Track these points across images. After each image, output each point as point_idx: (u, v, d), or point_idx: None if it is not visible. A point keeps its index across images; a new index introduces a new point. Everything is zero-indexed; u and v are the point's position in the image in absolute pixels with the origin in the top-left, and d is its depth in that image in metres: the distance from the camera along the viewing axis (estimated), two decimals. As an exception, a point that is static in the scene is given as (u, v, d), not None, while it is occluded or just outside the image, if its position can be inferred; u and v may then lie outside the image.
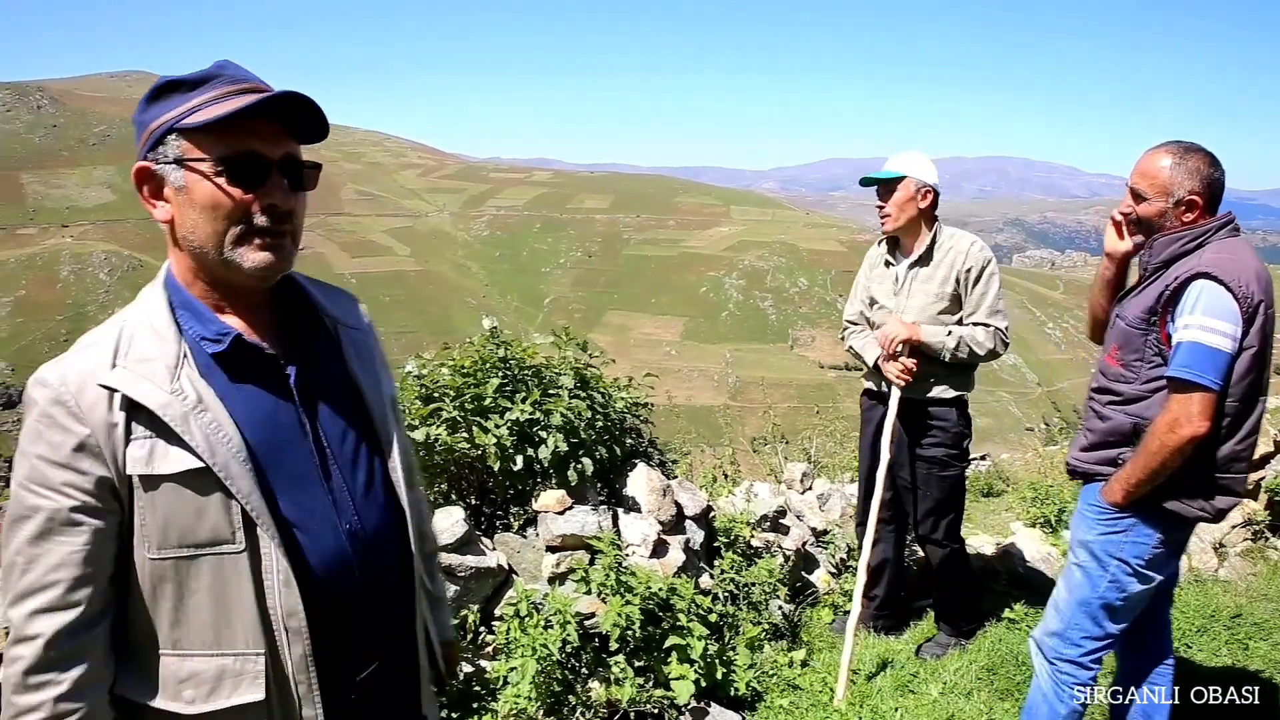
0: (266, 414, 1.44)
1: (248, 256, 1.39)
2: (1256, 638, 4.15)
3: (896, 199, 3.74)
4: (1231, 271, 2.49)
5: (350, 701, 1.50)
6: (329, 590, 1.45)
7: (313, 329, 1.56)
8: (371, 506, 1.54)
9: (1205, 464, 2.61)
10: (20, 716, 1.31)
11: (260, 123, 1.37)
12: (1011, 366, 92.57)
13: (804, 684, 3.82)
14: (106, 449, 1.32)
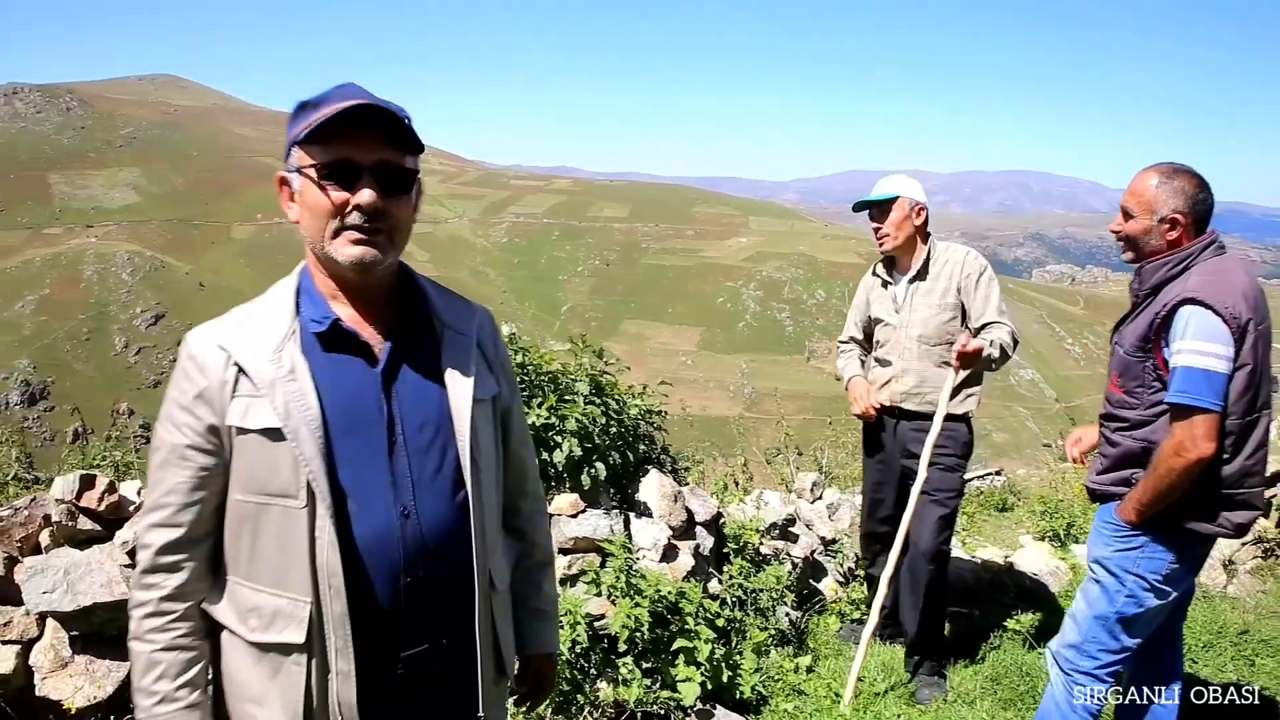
0: (350, 391, 1.59)
1: (341, 250, 1.54)
2: (1263, 654, 4.17)
3: (893, 219, 3.83)
4: (1217, 294, 2.55)
5: (397, 675, 1.62)
6: (374, 561, 1.57)
7: (423, 328, 1.69)
8: (433, 495, 1.63)
9: (1216, 482, 2.67)
10: (136, 607, 1.60)
11: (358, 133, 1.51)
12: (1030, 382, 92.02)
13: (809, 689, 3.87)
14: (217, 400, 1.55)
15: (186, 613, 1.61)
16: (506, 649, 1.83)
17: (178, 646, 1.59)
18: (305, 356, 1.57)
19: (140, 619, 1.60)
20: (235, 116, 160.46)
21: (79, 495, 3.07)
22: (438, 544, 1.63)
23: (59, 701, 2.89)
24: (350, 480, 1.57)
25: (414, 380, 1.65)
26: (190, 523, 1.58)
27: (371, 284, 1.62)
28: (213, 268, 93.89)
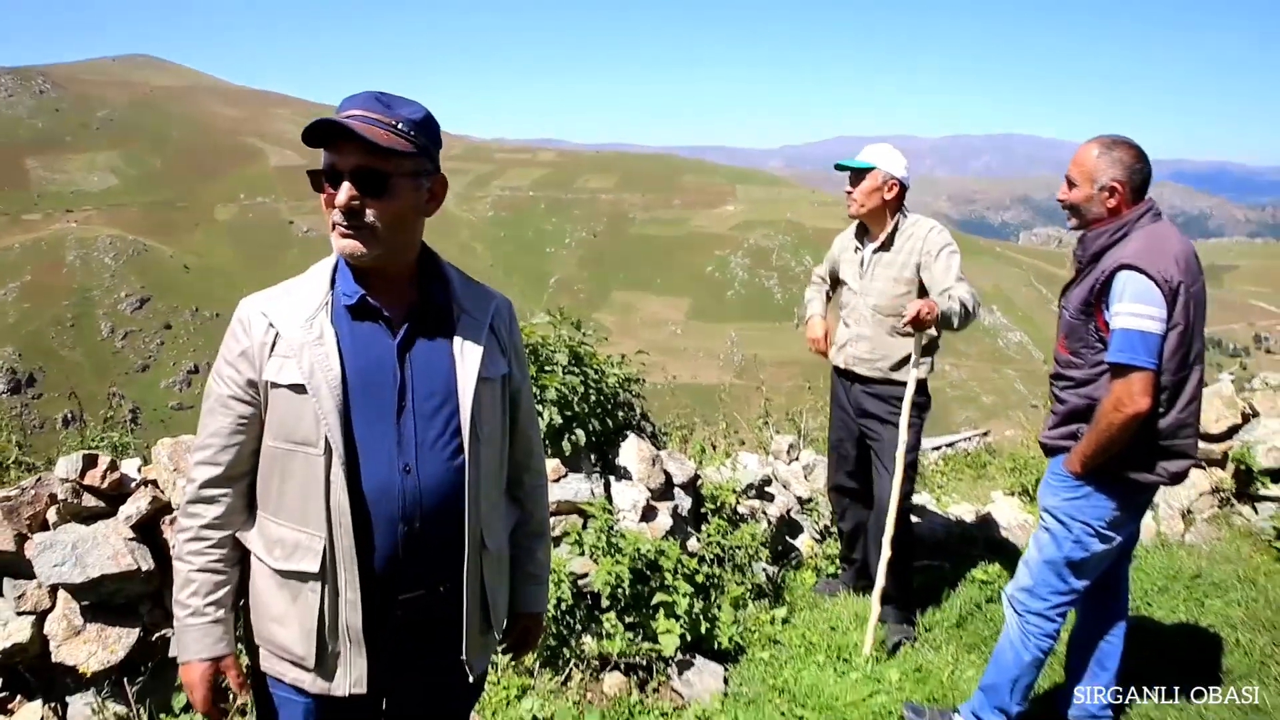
0: (369, 358, 1.81)
1: (335, 243, 1.78)
2: (1212, 595, 4.40)
3: (864, 187, 3.97)
4: (1151, 260, 2.73)
5: (397, 616, 1.85)
6: (376, 509, 1.80)
7: (442, 309, 1.89)
8: (433, 456, 1.83)
9: (1153, 435, 2.87)
10: (180, 532, 1.88)
11: (342, 142, 1.71)
12: (1018, 344, 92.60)
13: (784, 639, 4.09)
14: (257, 358, 1.80)
15: (221, 541, 1.86)
16: (495, 605, 2.01)
17: (210, 569, 1.86)
18: (334, 325, 1.80)
19: (183, 542, 1.87)
20: (215, 96, 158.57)
21: (82, 474, 3.23)
22: (433, 500, 1.83)
23: (74, 666, 3.07)
24: (362, 435, 1.79)
25: (426, 354, 1.85)
26: (229, 462, 1.84)
27: (383, 269, 1.81)
28: (197, 250, 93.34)
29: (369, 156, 1.70)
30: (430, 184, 1.82)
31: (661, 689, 3.67)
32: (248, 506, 1.90)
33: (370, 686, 1.86)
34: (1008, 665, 3.17)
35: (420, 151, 1.76)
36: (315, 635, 1.81)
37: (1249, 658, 3.82)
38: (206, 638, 1.86)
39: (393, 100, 1.76)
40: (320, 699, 1.89)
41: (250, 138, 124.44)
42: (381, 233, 1.75)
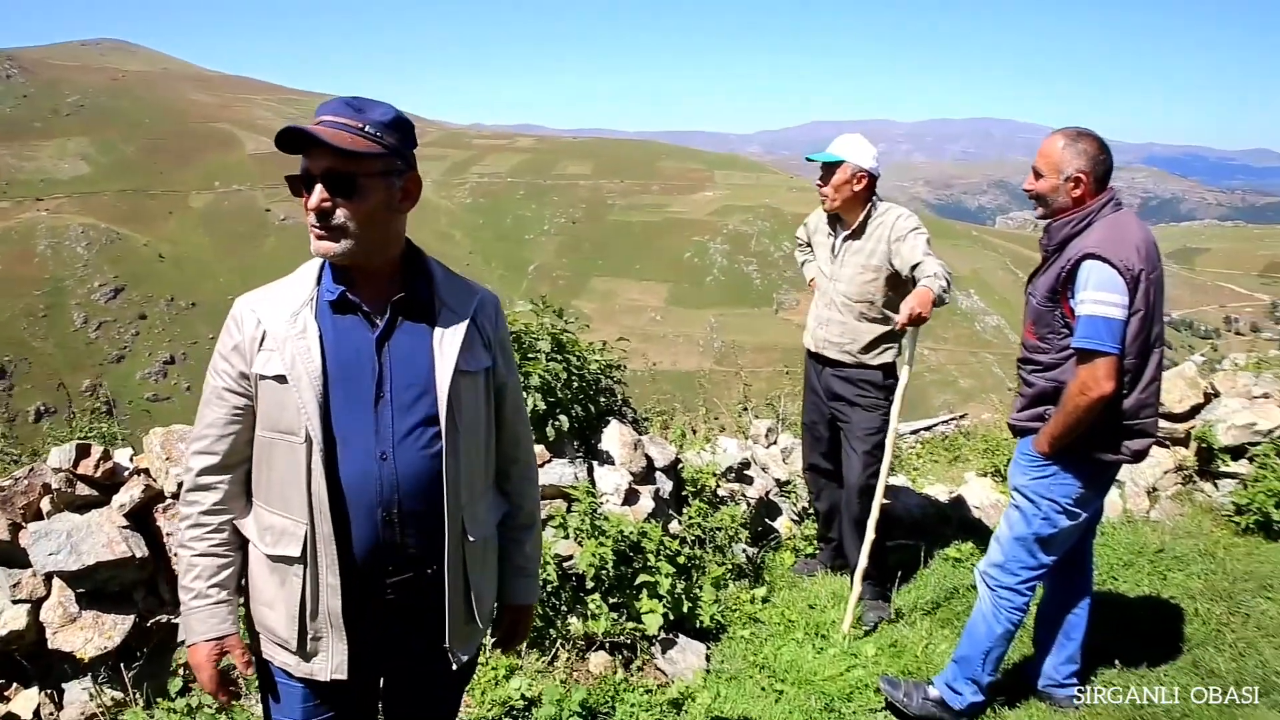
0: (349, 350, 1.89)
1: (312, 244, 1.86)
2: (1175, 569, 4.56)
3: (834, 181, 4.08)
4: (1114, 248, 2.85)
5: (387, 599, 1.93)
6: (355, 496, 1.87)
7: (423, 305, 1.95)
8: (410, 447, 1.90)
9: (1116, 415, 3.00)
10: (181, 520, 1.98)
11: (313, 147, 1.80)
12: (995, 328, 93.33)
13: (764, 618, 4.21)
14: (248, 352, 1.88)
15: (220, 526, 1.96)
16: (480, 593, 2.07)
17: (211, 554, 1.96)
18: (318, 320, 1.88)
19: (184, 529, 1.97)
20: (188, 81, 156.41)
21: (76, 463, 3.29)
22: (410, 487, 1.90)
23: (71, 653, 3.14)
24: (341, 424, 1.86)
25: (405, 347, 1.91)
26: (225, 451, 1.94)
27: (363, 266, 1.89)
28: (172, 238, 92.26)
29: (337, 160, 1.77)
30: (403, 182, 1.88)
31: (646, 667, 3.78)
32: (245, 494, 1.99)
33: (353, 673, 1.92)
34: (980, 638, 3.30)
35: (389, 152, 1.83)
36: (298, 619, 1.90)
37: (1206, 626, 4.00)
38: (211, 619, 1.95)
39: (364, 104, 1.83)
40: (309, 683, 1.96)
41: (225, 124, 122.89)
42: (353, 231, 1.81)
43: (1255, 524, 5.00)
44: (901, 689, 3.45)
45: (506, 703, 3.39)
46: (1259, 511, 4.98)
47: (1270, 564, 4.62)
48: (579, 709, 3.33)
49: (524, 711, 3.41)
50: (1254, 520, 5.00)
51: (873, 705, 3.51)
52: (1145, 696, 3.46)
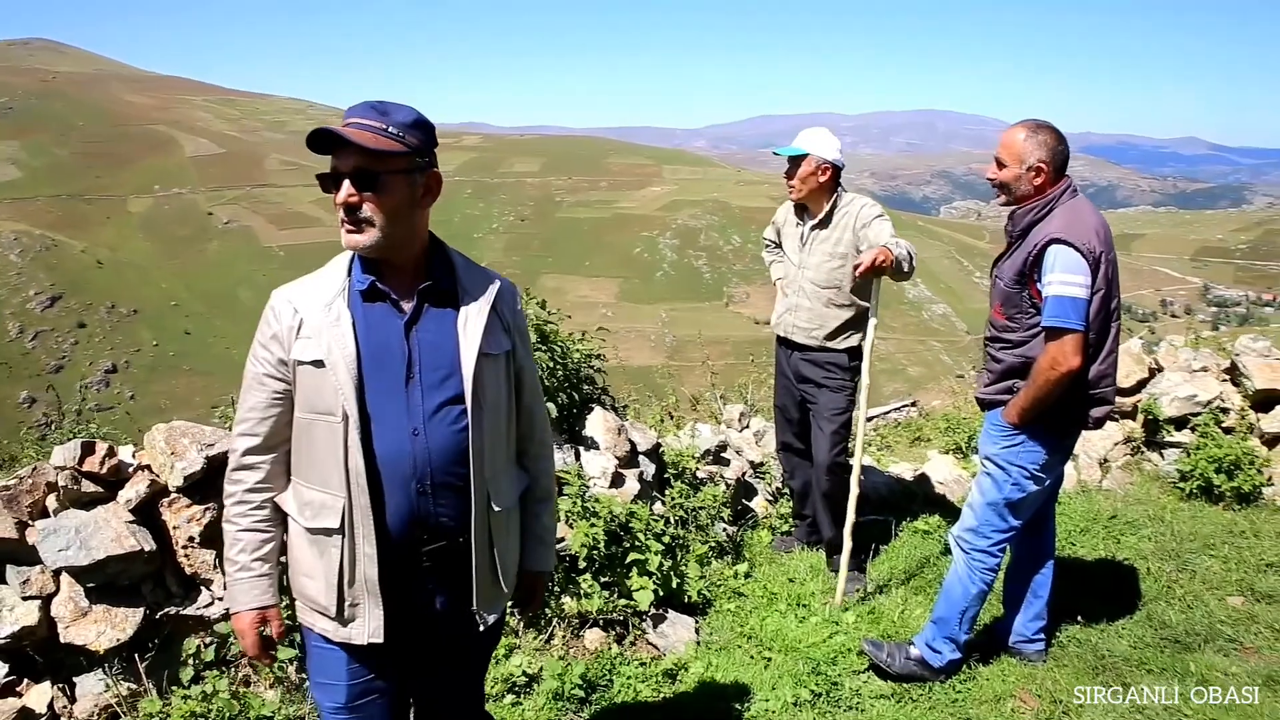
0: (380, 336, 2.04)
1: (342, 237, 2.01)
2: (1127, 533, 4.87)
3: (800, 174, 4.28)
4: (1076, 233, 3.09)
5: (423, 567, 2.10)
6: (390, 470, 2.03)
7: (447, 292, 2.11)
8: (439, 422, 2.05)
9: (1082, 387, 3.24)
10: (227, 498, 2.14)
11: (340, 147, 1.95)
12: (941, 316, 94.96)
13: (748, 592, 4.41)
14: (286, 340, 2.04)
15: (263, 503, 2.13)
16: (504, 560, 2.23)
17: (255, 529, 2.13)
18: (350, 309, 2.03)
19: (229, 506, 2.14)
20: (123, 83, 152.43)
21: (81, 461, 3.36)
22: (441, 461, 2.06)
23: (84, 646, 3.21)
24: (375, 404, 2.02)
25: (432, 331, 2.07)
26: (265, 433, 2.10)
27: (389, 258, 2.04)
28: (110, 244, 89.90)
29: (363, 158, 1.93)
30: (424, 179, 2.04)
31: (638, 642, 3.95)
32: (285, 473, 2.15)
33: (388, 636, 2.08)
34: (956, 599, 3.53)
35: (411, 150, 1.98)
36: (337, 587, 2.06)
37: (1157, 583, 4.30)
38: (254, 589, 2.13)
39: (388, 107, 1.99)
40: (349, 648, 2.12)
41: (163, 126, 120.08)
42: (379, 224, 1.97)
43: (1198, 489, 5.35)
44: (885, 650, 3.66)
45: (509, 679, 3.54)
46: (1201, 477, 5.31)
47: (1212, 525, 4.96)
48: (579, 681, 3.49)
49: (526, 687, 3.56)
50: (1196, 486, 5.35)
51: (856, 667, 3.72)
52: (1106, 649, 3.73)
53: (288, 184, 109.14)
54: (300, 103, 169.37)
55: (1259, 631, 3.89)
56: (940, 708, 3.47)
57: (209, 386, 64.83)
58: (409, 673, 2.27)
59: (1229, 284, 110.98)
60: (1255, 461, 5.32)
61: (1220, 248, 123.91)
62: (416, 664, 2.27)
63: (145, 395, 62.60)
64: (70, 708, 3.24)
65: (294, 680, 3.45)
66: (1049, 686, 3.52)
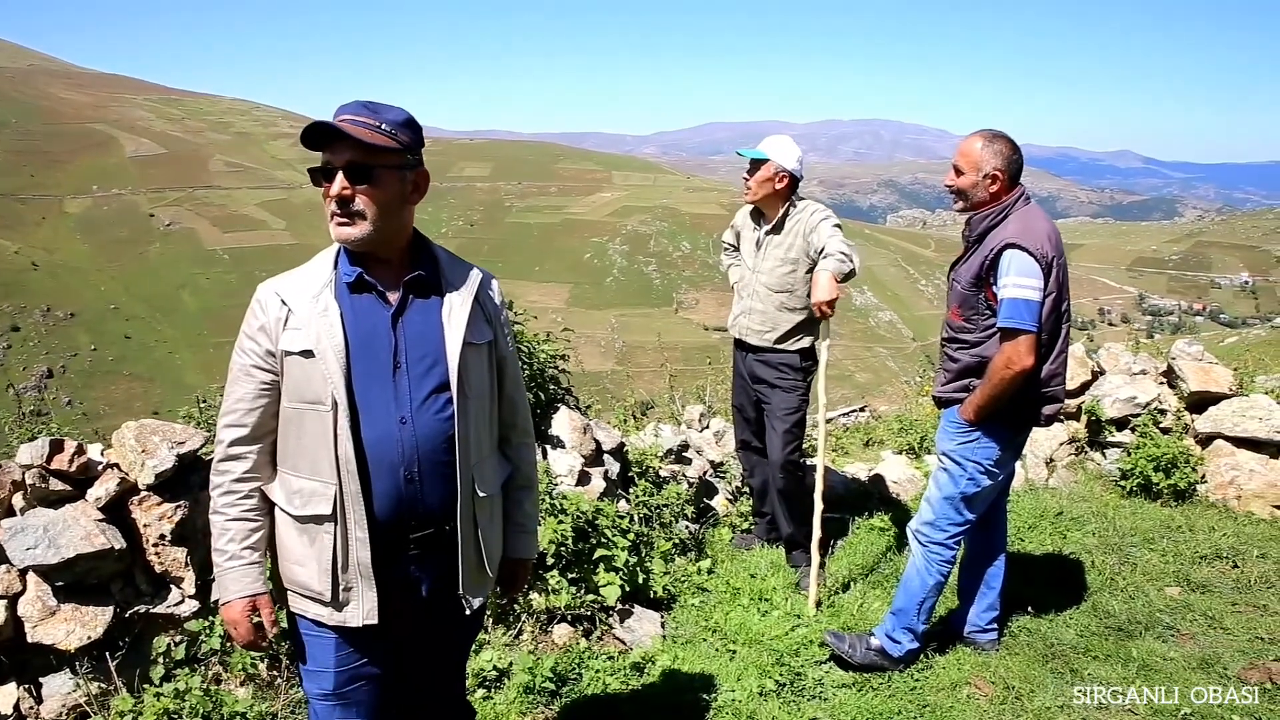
0: (368, 326, 2.10)
1: (332, 230, 2.08)
2: (1073, 529, 5.08)
3: (757, 177, 4.40)
4: (1031, 238, 3.25)
5: (411, 553, 2.16)
6: (378, 456, 2.08)
7: (430, 285, 2.18)
8: (425, 412, 2.11)
9: (1034, 385, 3.39)
10: (214, 489, 2.17)
11: (332, 142, 2.01)
12: (888, 324, 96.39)
13: (711, 587, 4.51)
14: (273, 331, 2.08)
15: (250, 493, 2.16)
16: (488, 545, 2.29)
17: (242, 519, 2.16)
18: (337, 300, 2.09)
19: (216, 496, 2.17)
20: (57, 79, 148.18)
21: (49, 459, 3.34)
22: (428, 448, 2.13)
23: (53, 645, 3.19)
24: (363, 393, 2.08)
25: (417, 322, 2.14)
26: (253, 424, 2.13)
27: (374, 253, 2.11)
28: (46, 245, 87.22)
29: (357, 152, 2.00)
30: (413, 176, 2.11)
31: (605, 637, 4.02)
32: (271, 463, 2.19)
33: (381, 618, 2.15)
34: (915, 590, 3.66)
35: (403, 148, 2.06)
36: (331, 572, 2.11)
37: (1101, 575, 4.50)
38: (244, 578, 2.17)
39: (378, 106, 2.06)
40: (341, 631, 2.17)
41: (100, 124, 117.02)
42: (370, 218, 2.04)
43: (1138, 486, 5.59)
44: (846, 641, 3.78)
45: (480, 673, 3.60)
46: (1140, 475, 5.55)
47: (1151, 520, 5.20)
48: (550, 675, 3.55)
49: (496, 681, 3.62)
50: (1136, 483, 5.59)
51: (818, 657, 3.83)
52: (1055, 638, 3.89)
53: (232, 185, 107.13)
54: (245, 104, 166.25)
55: (1194, 619, 4.10)
56: (900, 695, 3.59)
57: (149, 392, 63.33)
58: (397, 658, 2.32)
59: (1162, 294, 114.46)
60: (1190, 460, 5.57)
61: (1154, 258, 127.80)
62: (404, 648, 2.32)
63: (84, 400, 60.77)
64: (37, 708, 3.22)
65: (265, 678, 3.47)
66: (1002, 674, 3.67)
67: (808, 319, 4.45)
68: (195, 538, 3.47)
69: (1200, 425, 5.75)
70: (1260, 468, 5.44)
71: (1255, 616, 4.10)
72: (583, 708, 3.49)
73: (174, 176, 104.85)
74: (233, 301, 79.73)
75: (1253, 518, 5.23)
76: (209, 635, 3.43)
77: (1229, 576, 4.52)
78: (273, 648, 3.41)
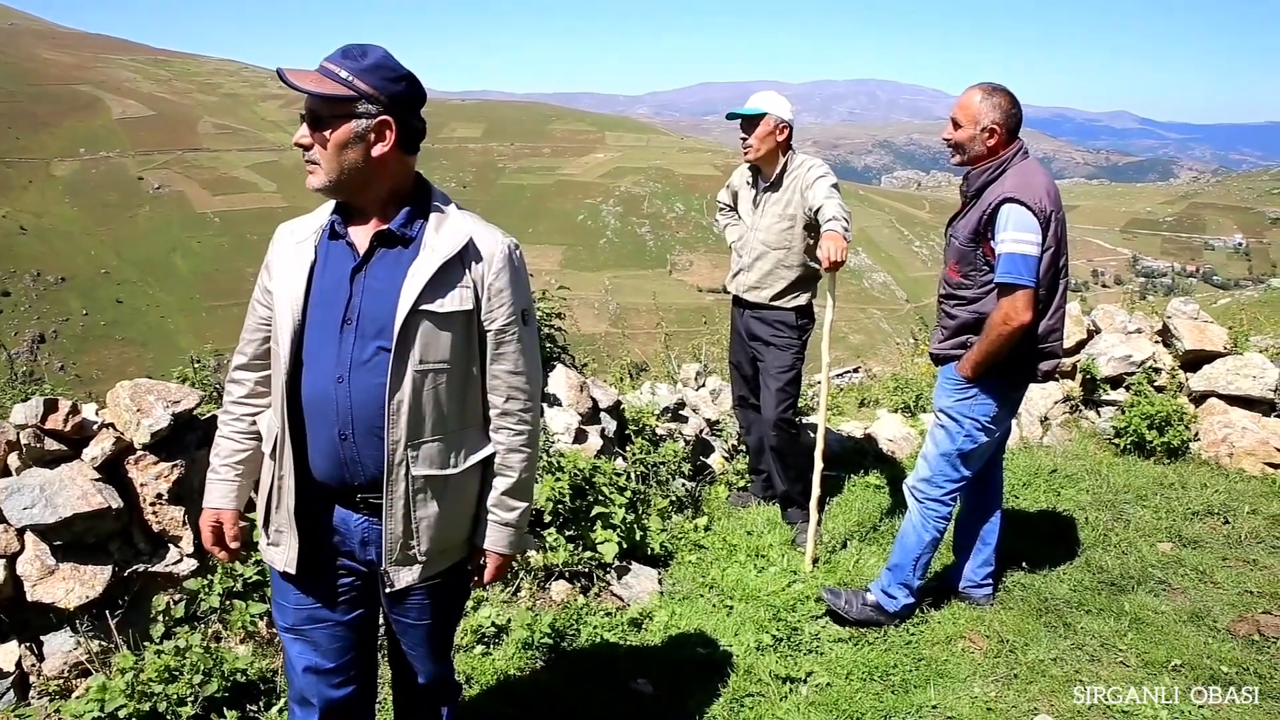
0: (334, 277, 2.10)
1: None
2: (1067, 486, 5.11)
3: (758, 133, 4.35)
4: (1029, 192, 3.22)
5: (359, 506, 2.16)
6: (315, 410, 2.10)
7: (409, 241, 2.08)
8: (364, 373, 2.04)
9: (1032, 341, 3.38)
10: (222, 400, 2.34)
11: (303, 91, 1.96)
12: (882, 285, 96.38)
13: (707, 544, 4.54)
14: (273, 269, 2.16)
15: (242, 416, 2.29)
16: (419, 528, 2.13)
17: (230, 438, 2.30)
18: (316, 248, 2.12)
19: (219, 413, 2.33)
20: (42, 39, 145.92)
21: (44, 419, 3.32)
22: (362, 411, 2.05)
23: (53, 604, 3.20)
24: (312, 344, 2.09)
25: (379, 280, 2.05)
26: (251, 353, 2.26)
27: (350, 201, 2.10)
28: (34, 209, 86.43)
29: (311, 101, 1.98)
30: (372, 125, 1.96)
31: (603, 593, 4.05)
32: (268, 394, 2.25)
33: (301, 569, 2.17)
34: (911, 546, 3.69)
35: (358, 95, 1.95)
36: (265, 508, 2.21)
37: (1095, 531, 4.54)
38: (214, 492, 2.30)
39: (355, 50, 1.99)
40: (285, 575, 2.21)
41: (87, 86, 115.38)
42: (325, 167, 2.00)
43: (1131, 444, 5.62)
44: (842, 597, 3.81)
45: (478, 630, 3.62)
46: (1134, 434, 5.58)
47: (1144, 478, 5.23)
48: (548, 631, 3.58)
49: (495, 638, 3.64)
50: (1130, 441, 5.61)
51: (815, 613, 3.87)
52: (1049, 593, 3.93)
53: (221, 148, 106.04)
54: (234, 64, 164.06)
55: (1185, 574, 4.14)
56: (895, 649, 3.63)
57: (142, 356, 63.11)
58: (356, 612, 2.28)
59: (1156, 255, 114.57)
60: (1184, 418, 5.59)
61: (1149, 220, 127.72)
62: (365, 607, 2.30)
63: (76, 365, 60.56)
64: (39, 665, 3.23)
65: (264, 635, 3.49)
66: (996, 628, 3.71)
67: (804, 275, 4.44)
68: (192, 497, 3.46)
69: (1194, 384, 5.76)
70: (1253, 425, 5.47)
71: (1245, 571, 4.15)
72: (581, 663, 3.52)
73: (162, 139, 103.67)
74: (224, 265, 79.47)
75: (1244, 475, 5.27)
76: (208, 594, 3.44)
77: (1220, 532, 4.56)
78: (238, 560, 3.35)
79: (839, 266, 3.99)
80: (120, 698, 2.91)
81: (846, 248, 3.98)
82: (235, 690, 3.12)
